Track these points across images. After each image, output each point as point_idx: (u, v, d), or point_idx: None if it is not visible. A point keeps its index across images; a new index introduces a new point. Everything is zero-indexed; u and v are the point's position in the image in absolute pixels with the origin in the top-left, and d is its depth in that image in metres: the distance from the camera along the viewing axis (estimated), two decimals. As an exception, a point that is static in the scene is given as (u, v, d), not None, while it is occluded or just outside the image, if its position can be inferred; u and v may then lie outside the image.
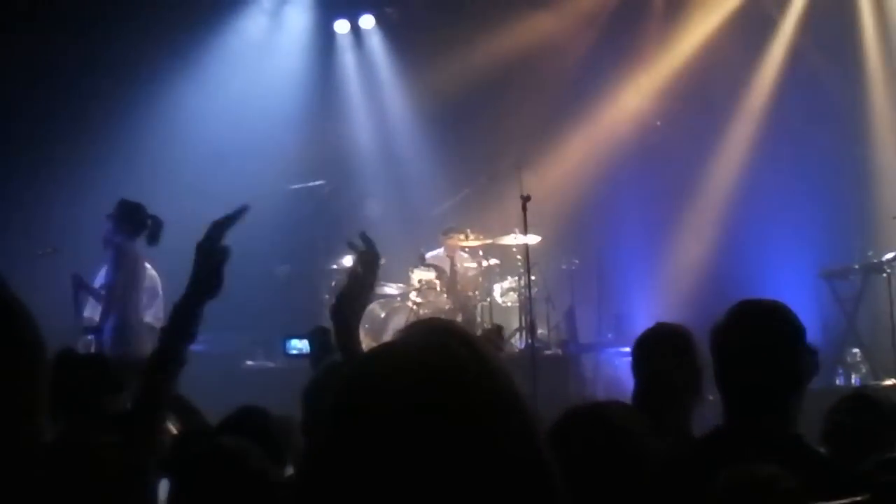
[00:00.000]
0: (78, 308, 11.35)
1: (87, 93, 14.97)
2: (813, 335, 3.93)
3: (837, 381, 12.84)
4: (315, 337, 6.47)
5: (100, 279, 11.60)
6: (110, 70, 15.00)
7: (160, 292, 11.86)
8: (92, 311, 11.44)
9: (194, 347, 12.68)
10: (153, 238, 11.05)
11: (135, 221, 11.05)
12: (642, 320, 14.09)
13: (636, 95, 16.15)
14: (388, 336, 14.01)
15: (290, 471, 4.85)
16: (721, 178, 15.57)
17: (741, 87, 15.82)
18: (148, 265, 11.68)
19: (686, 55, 15.95)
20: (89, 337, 11.05)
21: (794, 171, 15.16)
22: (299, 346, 6.17)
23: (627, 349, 13.67)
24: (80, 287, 11.24)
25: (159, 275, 11.94)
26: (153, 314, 11.68)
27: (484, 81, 16.70)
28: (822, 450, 4.38)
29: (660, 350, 5.00)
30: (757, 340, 3.86)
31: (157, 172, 15.13)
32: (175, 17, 15.36)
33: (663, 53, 16.08)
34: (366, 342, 14.28)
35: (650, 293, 15.49)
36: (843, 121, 15.16)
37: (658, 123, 15.87)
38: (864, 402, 5.16)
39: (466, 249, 14.91)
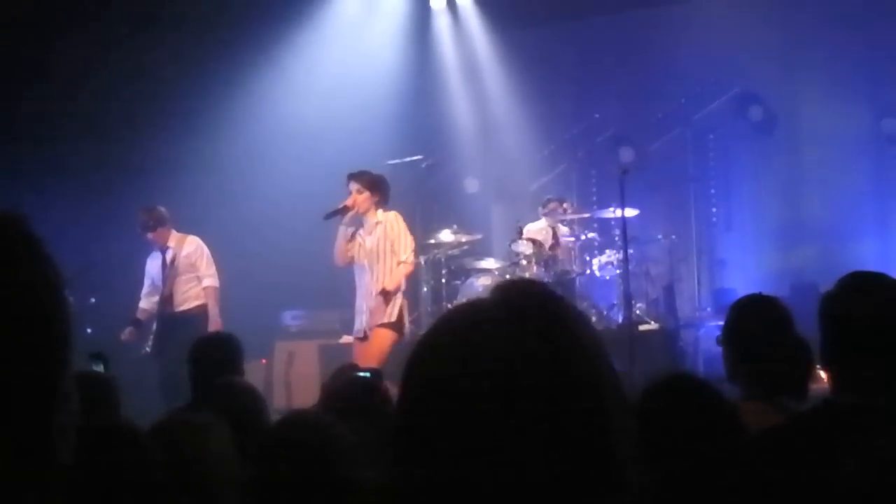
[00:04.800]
0: None
1: (184, 74, 15.11)
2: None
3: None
4: (378, 373, 6.53)
5: None
6: (206, 52, 15.11)
7: None
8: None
9: (293, 322, 12.92)
10: None
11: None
12: (741, 295, 14.02)
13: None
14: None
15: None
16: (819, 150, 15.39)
17: None
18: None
19: None
20: None
21: (894, 139, 14.96)
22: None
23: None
24: None
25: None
26: None
27: (582, 54, 16.69)
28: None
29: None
30: (871, 310, 3.77)
31: (255, 151, 15.30)
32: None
33: None
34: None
35: (748, 268, 15.39)
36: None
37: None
38: None
39: (565, 222, 14.89)
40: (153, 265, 12.71)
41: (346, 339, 14.50)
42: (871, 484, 2.95)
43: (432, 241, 15.00)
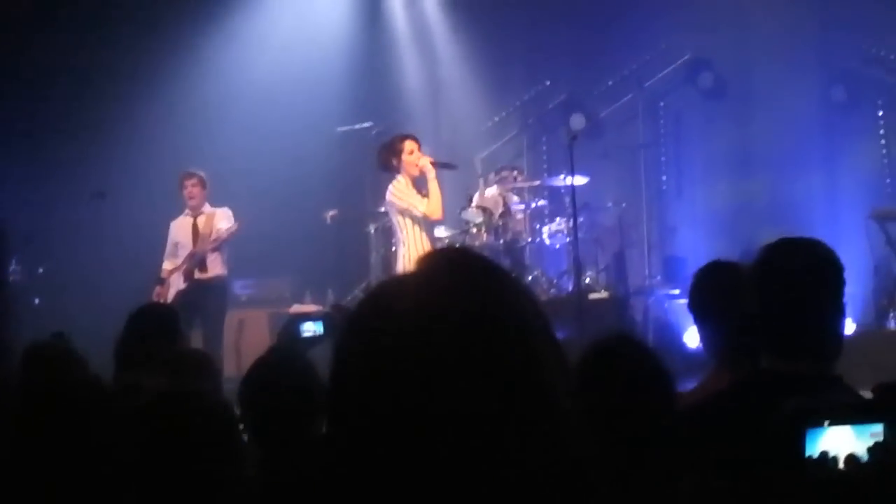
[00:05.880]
0: None
1: (134, 36, 15.00)
2: (864, 278, 3.85)
3: (889, 325, 12.69)
4: (329, 318, 6.40)
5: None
6: (155, 16, 14.99)
7: None
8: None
9: (243, 291, 12.88)
10: None
11: None
12: (692, 263, 14.09)
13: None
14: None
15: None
16: (769, 118, 15.41)
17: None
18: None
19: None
20: None
21: (844, 107, 14.98)
22: (313, 328, 6.09)
23: (677, 291, 13.73)
24: None
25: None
26: None
27: (533, 20, 16.66)
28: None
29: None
30: (797, 278, 3.77)
31: (205, 117, 15.21)
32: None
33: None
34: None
35: (699, 235, 15.43)
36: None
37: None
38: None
39: (515, 190, 14.86)
40: (179, 230, 13.02)
41: (297, 307, 14.49)
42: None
43: (382, 209, 14.98)
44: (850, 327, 12.01)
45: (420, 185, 11.51)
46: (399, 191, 11.15)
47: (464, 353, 1.59)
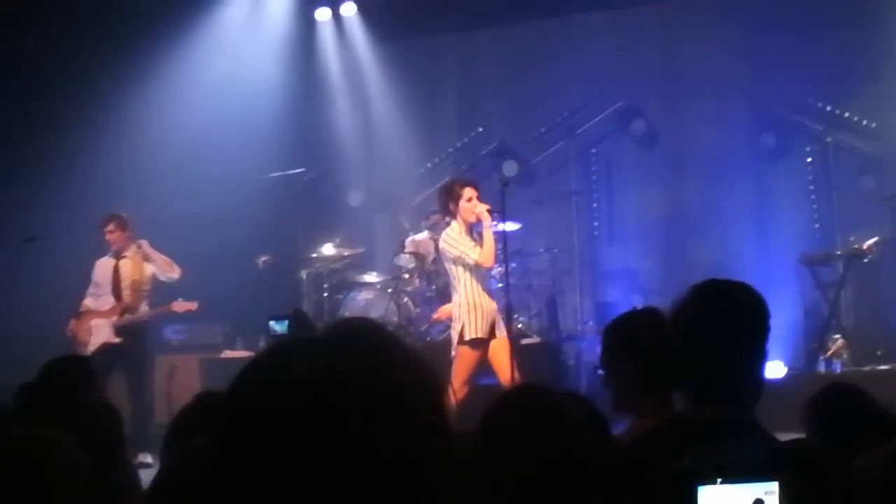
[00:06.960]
0: None
1: (65, 82, 14.90)
2: (794, 322, 3.83)
3: (819, 368, 12.77)
4: (293, 319, 6.44)
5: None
6: (88, 59, 14.89)
7: None
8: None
9: (175, 336, 12.75)
10: None
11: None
12: (624, 308, 14.12)
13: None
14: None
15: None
16: (700, 164, 15.53)
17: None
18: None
19: None
20: None
21: (773, 154, 15.14)
22: (277, 328, 6.19)
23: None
24: None
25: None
26: None
27: (466, 67, 16.76)
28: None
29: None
30: (721, 321, 3.70)
31: (137, 161, 15.12)
32: (155, 4, 15.32)
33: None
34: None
35: (631, 281, 15.49)
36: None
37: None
38: (841, 392, 4.98)
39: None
40: (100, 270, 12.99)
41: (229, 353, 14.41)
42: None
43: (314, 255, 14.98)
44: (780, 371, 12.14)
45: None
46: (452, 239, 10.92)
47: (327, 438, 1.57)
